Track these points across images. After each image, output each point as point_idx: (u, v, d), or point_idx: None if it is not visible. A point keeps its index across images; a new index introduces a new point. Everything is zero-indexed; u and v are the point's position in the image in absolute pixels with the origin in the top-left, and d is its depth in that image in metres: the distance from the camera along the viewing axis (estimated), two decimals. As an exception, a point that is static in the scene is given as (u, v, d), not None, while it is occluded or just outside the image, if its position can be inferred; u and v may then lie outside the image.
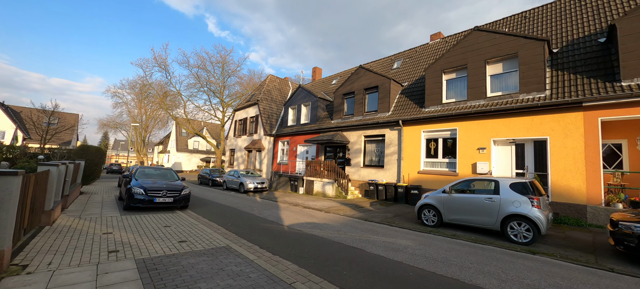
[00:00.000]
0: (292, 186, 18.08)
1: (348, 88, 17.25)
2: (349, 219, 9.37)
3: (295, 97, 21.91)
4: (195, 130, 32.39)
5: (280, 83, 28.17)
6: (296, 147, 20.65)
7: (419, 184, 12.71)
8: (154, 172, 11.26)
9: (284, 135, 21.95)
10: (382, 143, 14.90)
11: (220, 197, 14.41)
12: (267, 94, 25.60)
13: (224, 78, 32.24)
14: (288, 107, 22.47)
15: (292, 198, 14.47)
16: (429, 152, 12.99)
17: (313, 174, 16.64)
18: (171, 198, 9.39)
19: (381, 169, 14.56)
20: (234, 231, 6.93)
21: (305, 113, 21.10)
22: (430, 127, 12.84)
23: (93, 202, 10.66)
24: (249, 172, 19.25)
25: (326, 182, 15.60)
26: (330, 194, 15.29)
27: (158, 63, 28.55)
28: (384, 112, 15.04)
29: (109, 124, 64.95)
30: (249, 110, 25.88)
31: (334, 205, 12.37)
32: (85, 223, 7.08)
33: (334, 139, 15.91)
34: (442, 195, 8.10)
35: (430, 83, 13.19)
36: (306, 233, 6.98)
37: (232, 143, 28.21)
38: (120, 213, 8.71)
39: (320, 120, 19.43)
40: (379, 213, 10.44)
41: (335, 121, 17.77)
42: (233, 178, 18.56)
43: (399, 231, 7.64)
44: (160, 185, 9.55)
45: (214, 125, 55.63)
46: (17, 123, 38.68)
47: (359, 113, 16.38)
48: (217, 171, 23.73)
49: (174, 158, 50.74)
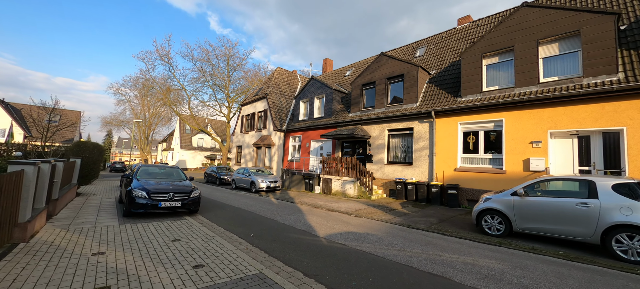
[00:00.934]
0: (307, 185, 16.54)
1: (368, 78, 15.63)
2: (390, 226, 7.82)
3: (307, 90, 20.31)
4: (200, 127, 30.87)
5: (288, 77, 26.55)
6: (309, 143, 19.09)
7: (456, 183, 11.13)
8: (159, 171, 9.73)
9: (296, 130, 20.38)
10: (410, 137, 13.30)
11: (231, 198, 12.89)
12: (276, 87, 24.01)
13: (229, 72, 30.64)
14: (299, 101, 20.89)
15: (310, 199, 12.93)
16: (466, 147, 11.40)
17: (331, 172, 15.09)
18: (179, 201, 7.86)
19: (409, 166, 12.98)
20: (261, 247, 5.39)
21: (319, 107, 19.50)
22: (468, 119, 11.23)
23: (89, 206, 9.14)
24: (260, 170, 17.72)
25: (346, 181, 14.05)
26: (351, 194, 13.74)
27: (160, 56, 27.06)
28: (410, 103, 13.43)
29: (112, 122, 63.62)
30: (257, 105, 24.29)
31: (361, 207, 10.82)
32: (73, 237, 5.55)
33: (355, 134, 14.32)
34: (512, 198, 6.53)
35: (468, 70, 11.56)
36: (354, 249, 5.44)
37: (239, 140, 26.67)
38: (119, 220, 7.19)
39: (335, 114, 17.84)
40: (419, 218, 8.88)
41: (354, 114, 16.18)
42: (243, 177, 17.03)
43: (462, 244, 6.08)
44: (165, 187, 8.02)
45: (219, 122, 54.14)
46: (18, 121, 37.27)
47: (381, 105, 14.77)
48: (225, 169, 22.22)
49: (178, 155, 49.32)
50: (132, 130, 27.20)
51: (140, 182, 8.09)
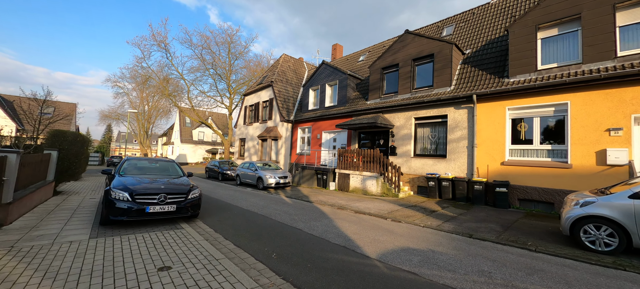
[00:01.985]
0: (320, 181, 14.69)
1: (389, 60, 13.67)
2: (447, 236, 5.97)
3: (318, 76, 18.32)
4: (200, 119, 28.91)
5: (294, 64, 24.52)
6: (320, 134, 17.18)
7: (504, 179, 9.29)
8: (149, 165, 7.83)
9: (305, 120, 18.44)
10: (443, 126, 11.41)
11: (237, 197, 11.02)
12: (282, 75, 22.00)
13: (230, 60, 28.53)
14: (308, 88, 18.92)
15: (327, 197, 11.08)
16: (516, 137, 9.52)
17: (348, 166, 13.22)
18: (173, 205, 5.97)
19: (441, 159, 11.12)
20: (294, 281, 3.53)
21: (330, 95, 17.54)
22: (519, 103, 9.33)
23: (63, 209, 7.27)
24: (267, 164, 15.84)
25: (368, 176, 12.18)
26: (373, 191, 11.89)
27: (157, 41, 24.95)
28: (442, 87, 11.50)
29: (111, 115, 61.48)
30: (261, 94, 22.31)
31: (392, 207, 8.97)
32: (10, 264, 3.68)
33: (378, 123, 12.41)
34: (632, 202, 4.66)
35: (518, 45, 9.62)
36: (435, 284, 3.58)
37: (242, 132, 24.74)
38: (92, 232, 5.31)
39: (350, 102, 15.90)
40: (473, 223, 7.04)
41: (373, 101, 14.25)
42: (248, 172, 15.15)
43: (575, 269, 4.23)
44: (156, 186, 6.12)
45: (221, 116, 52.12)
46: (9, 113, 35.21)
47: (406, 90, 12.84)
48: (227, 163, 20.33)
49: (178, 149, 47.39)
50: (128, 120, 25.17)
51: (123, 180, 6.20)
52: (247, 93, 24.46)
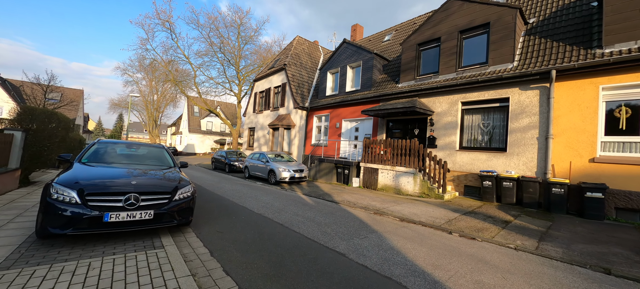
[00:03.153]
0: (340, 176, 12.54)
1: (429, 34, 11.28)
2: (563, 267, 3.74)
3: (337, 58, 16.02)
4: (208, 106, 26.99)
5: (309, 47, 22.23)
6: (340, 123, 14.97)
7: (598, 181, 6.95)
8: (128, 152, 5.77)
9: (322, 107, 16.23)
10: (502, 112, 9.06)
11: (246, 194, 8.96)
12: (296, 58, 19.76)
13: (239, 44, 26.39)
14: (326, 72, 16.65)
15: (355, 196, 8.93)
16: (613, 126, 7.13)
17: (375, 159, 11.02)
18: (149, 210, 3.87)
19: (499, 154, 8.81)
20: None
21: (352, 78, 15.26)
22: (620, 80, 6.92)
23: (10, 208, 5.30)
24: (279, 155, 13.75)
25: (402, 172, 9.97)
26: (410, 190, 9.68)
27: (161, 19, 22.96)
28: (501, 63, 9.11)
29: (120, 104, 60.64)
30: (273, 79, 20.15)
31: (444, 214, 6.76)
32: None
33: (416, 107, 10.12)
34: None
35: (617, 4, 7.16)
36: None
37: (252, 121, 22.71)
38: (17, 249, 3.30)
39: (377, 85, 13.60)
40: (583, 244, 4.77)
41: (405, 84, 11.93)
42: (258, 164, 13.10)
43: None
44: (122, 182, 3.99)
45: (229, 105, 50.33)
46: (15, 98, 34.03)
47: (449, 69, 10.47)
48: (235, 153, 18.36)
49: (187, 139, 45.93)
50: (129, 106, 23.42)
51: (78, 172, 4.15)
52: (258, 78, 22.34)
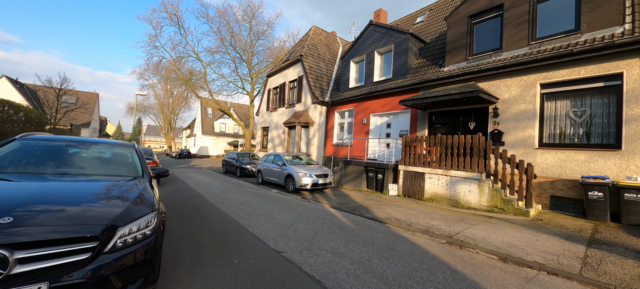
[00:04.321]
0: (372, 182, 10.20)
1: (485, 2, 8.76)
2: None
3: (363, 43, 13.67)
4: (220, 106, 25.25)
5: (327, 38, 19.99)
6: (367, 118, 12.59)
7: None
8: (69, 153, 3.61)
9: (345, 101, 13.92)
10: (608, 94, 6.44)
11: (258, 207, 6.75)
12: (313, 49, 17.56)
13: (251, 39, 24.49)
14: (348, 61, 14.33)
15: (401, 211, 6.55)
16: None
17: (418, 161, 8.61)
18: (35, 284, 1.71)
19: (609, 152, 6.20)
20: None
21: (381, 65, 12.86)
22: None
23: None
24: (297, 157, 11.54)
25: (461, 178, 7.50)
26: (473, 202, 7.20)
27: (168, 12, 21.40)
28: (602, 28, 6.51)
29: (137, 108, 60.62)
30: (288, 72, 18.03)
31: (560, 245, 4.28)
32: None
33: (480, 93, 7.62)
34: None
35: None
36: None
37: (265, 120, 20.69)
38: None
39: (413, 72, 11.16)
40: None
41: (454, 66, 9.44)
42: (273, 167, 10.93)
43: None
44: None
45: (243, 106, 48.89)
46: (32, 102, 33.67)
47: (518, 43, 7.92)
48: (248, 155, 16.34)
49: (200, 141, 44.75)
50: (135, 107, 21.95)
51: None
52: (271, 73, 20.29)
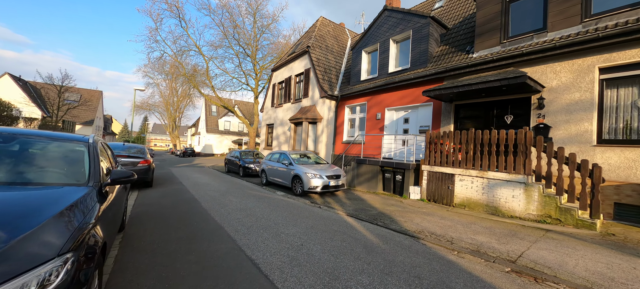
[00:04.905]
0: (390, 183, 9.00)
1: (526, -26, 7.47)
2: None
3: (376, 31, 12.42)
4: (223, 102, 24.24)
5: (335, 30, 18.75)
6: (382, 113, 11.37)
7: None
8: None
9: (356, 94, 12.70)
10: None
11: (260, 215, 5.60)
12: (320, 40, 16.36)
13: (255, 32, 23.37)
14: (360, 51, 13.10)
15: (433, 221, 5.34)
16: None
17: (446, 161, 7.38)
18: None
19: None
20: None
21: (396, 54, 11.61)
22: None
23: None
24: (304, 156, 10.37)
25: (501, 181, 6.26)
26: (518, 210, 5.95)
27: (169, 4, 20.38)
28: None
29: (142, 106, 60.15)
30: (294, 66, 16.86)
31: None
32: None
33: (527, 80, 6.33)
34: None
35: None
36: None
37: (270, 116, 19.57)
38: None
39: (436, 60, 9.89)
40: None
41: (486, 52, 8.16)
42: (279, 167, 9.78)
43: None
44: None
45: (247, 104, 47.92)
46: (35, 100, 33.08)
47: (568, 20, 6.63)
48: (251, 154, 15.25)
49: (204, 140, 43.93)
50: (133, 102, 21.06)
51: None
52: (276, 67, 19.14)
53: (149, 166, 8.46)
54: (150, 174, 8.60)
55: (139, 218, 5.13)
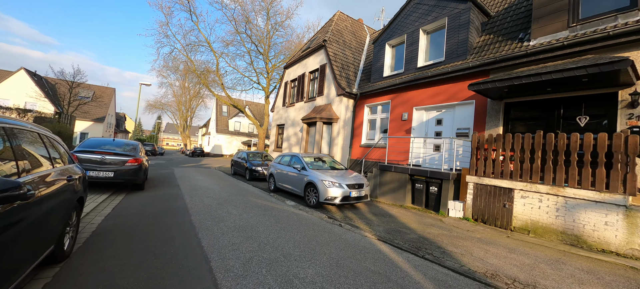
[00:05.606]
0: (420, 196, 7.43)
1: (609, -62, 5.84)
2: None
3: (402, 22, 10.93)
4: (234, 103, 23.16)
5: (353, 25, 17.33)
6: (409, 113, 9.81)
7: None
8: None
9: (378, 92, 11.20)
10: None
11: (264, 238, 4.17)
12: (338, 35, 14.97)
13: (268, 29, 22.23)
14: (382, 45, 11.62)
15: (505, 254, 3.75)
16: None
17: (500, 172, 5.78)
18: None
19: None
20: None
21: (426, 46, 10.07)
22: None
23: None
24: (320, 159, 8.92)
25: (586, 202, 4.61)
26: (612, 241, 4.29)
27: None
28: None
29: (156, 105, 60.31)
30: (308, 62, 15.51)
31: None
32: None
33: (629, 67, 4.71)
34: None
35: None
36: None
37: (281, 116, 18.25)
38: None
39: (477, 51, 8.30)
40: None
41: (546, 38, 6.53)
42: (290, 172, 8.34)
43: None
44: None
45: (257, 105, 47.02)
46: (50, 96, 32.99)
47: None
48: (259, 155, 13.93)
49: (214, 140, 43.18)
50: (139, 97, 20.13)
51: None
52: (289, 64, 17.86)
53: (139, 167, 7.19)
54: (141, 175, 7.33)
55: (104, 236, 3.79)
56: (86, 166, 6.44)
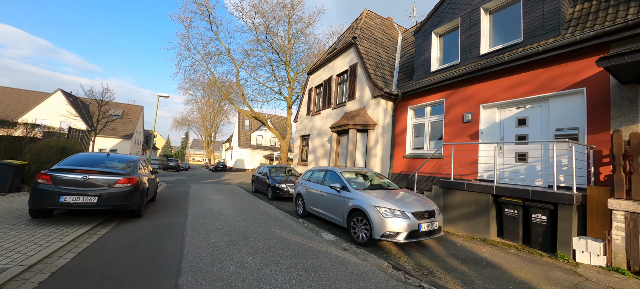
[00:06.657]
0: (514, 227, 5.04)
1: None
2: None
3: (453, 4, 8.81)
4: (256, 115, 21.82)
5: (382, 23, 15.39)
6: (473, 113, 7.51)
7: None
8: None
9: (425, 90, 9.01)
10: None
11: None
12: (368, 33, 13.08)
13: (290, 36, 20.87)
14: (428, 34, 9.52)
15: None
16: None
17: None
18: None
19: None
20: None
21: (488, 29, 7.82)
22: None
23: None
24: (363, 175, 6.81)
25: None
26: None
27: (198, 3, 18.63)
28: None
29: (182, 122, 61.55)
30: (335, 64, 13.67)
31: None
32: None
33: None
34: None
35: None
36: None
37: (305, 126, 16.41)
38: None
39: (573, 24, 5.95)
40: None
41: None
42: (324, 192, 6.28)
43: None
44: None
45: (279, 118, 45.99)
46: (83, 115, 33.87)
47: None
48: (283, 170, 12.10)
49: (237, 154, 42.39)
50: (156, 112, 19.46)
51: None
52: (313, 69, 16.15)
53: (133, 188, 5.48)
54: (136, 199, 5.61)
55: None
56: (62, 189, 4.83)
